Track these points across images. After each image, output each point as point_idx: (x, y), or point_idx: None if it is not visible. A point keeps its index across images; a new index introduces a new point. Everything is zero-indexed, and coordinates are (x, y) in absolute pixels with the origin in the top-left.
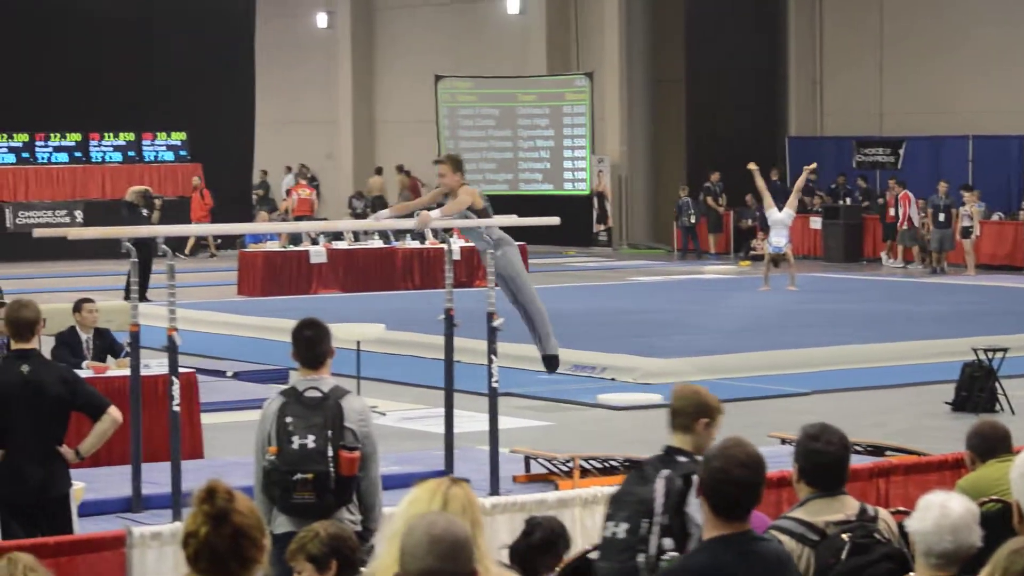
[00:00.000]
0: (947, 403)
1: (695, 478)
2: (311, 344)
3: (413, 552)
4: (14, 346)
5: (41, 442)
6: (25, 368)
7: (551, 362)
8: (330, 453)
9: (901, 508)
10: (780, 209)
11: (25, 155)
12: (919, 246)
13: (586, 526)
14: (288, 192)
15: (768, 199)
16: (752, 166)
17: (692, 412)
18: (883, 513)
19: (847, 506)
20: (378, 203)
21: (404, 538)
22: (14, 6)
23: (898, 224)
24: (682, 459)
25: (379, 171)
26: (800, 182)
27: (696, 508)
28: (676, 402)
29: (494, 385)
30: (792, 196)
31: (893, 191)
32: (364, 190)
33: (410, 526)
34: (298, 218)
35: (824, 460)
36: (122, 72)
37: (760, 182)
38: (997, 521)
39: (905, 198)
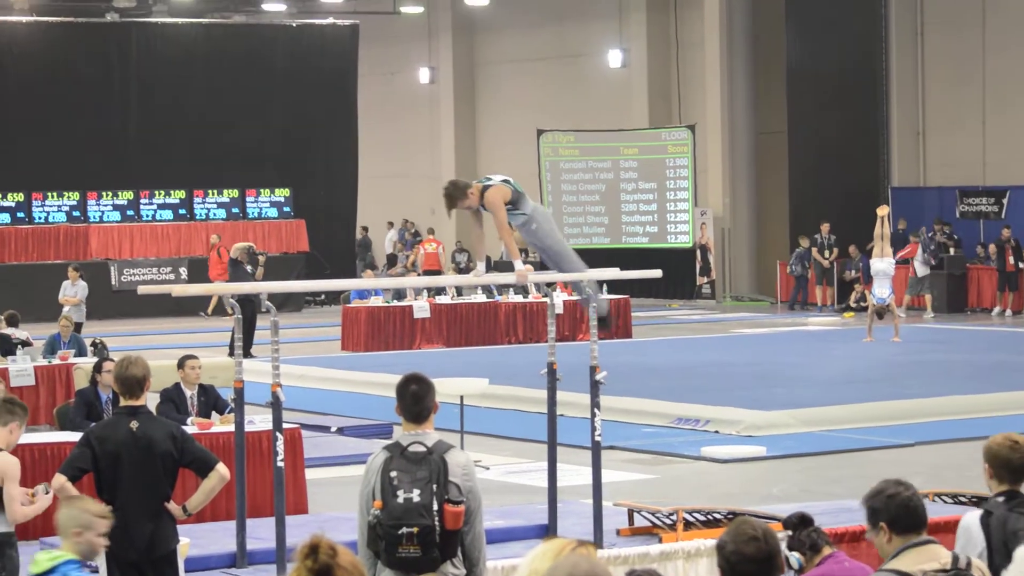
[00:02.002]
0: None
1: None
2: (416, 399)
3: None
4: (123, 403)
5: (149, 498)
6: (134, 425)
7: (605, 322)
8: (435, 507)
9: None
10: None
11: (130, 212)
12: None
13: None
14: (409, 246)
15: (882, 247)
16: (882, 211)
17: None
18: (976, 561)
19: (940, 555)
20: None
21: None
22: (121, 65)
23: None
24: None
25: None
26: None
27: None
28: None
29: (597, 438)
30: (888, 245)
31: (1009, 241)
32: (467, 244)
33: (555, 565)
34: (426, 272)
35: (905, 501)
36: (226, 129)
37: (886, 229)
38: None
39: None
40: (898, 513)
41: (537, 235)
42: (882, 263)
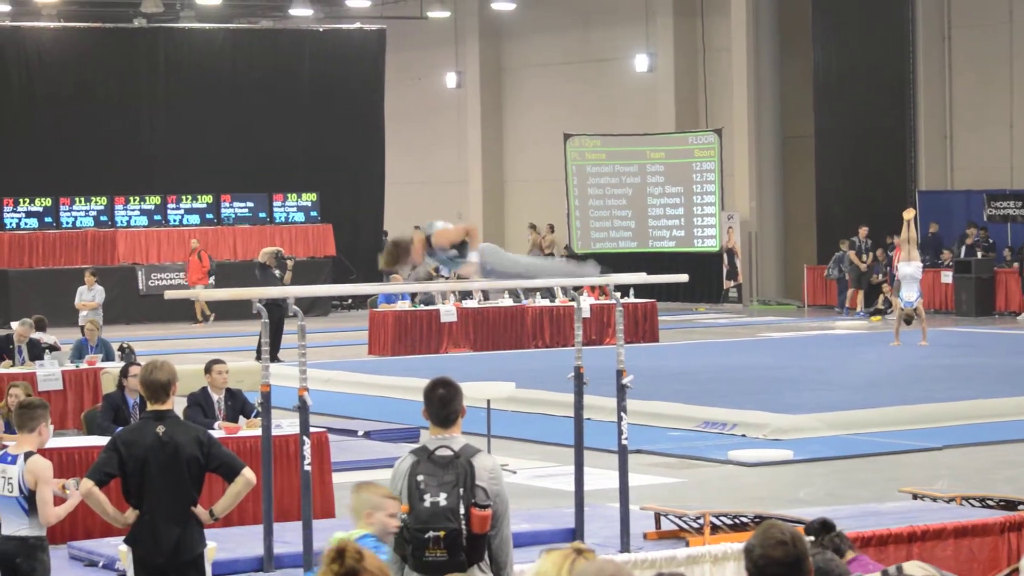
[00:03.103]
0: None
1: None
2: (444, 403)
3: None
4: (150, 407)
5: (176, 503)
6: (161, 429)
7: None
8: (462, 511)
9: None
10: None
11: (157, 217)
12: None
13: None
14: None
15: (909, 251)
16: (908, 215)
17: None
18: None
19: None
20: None
21: None
22: (148, 70)
23: None
24: None
25: (544, 227)
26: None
27: None
28: None
29: (624, 442)
30: (915, 249)
31: None
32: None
33: (580, 571)
34: (459, 276)
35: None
36: (253, 134)
37: (913, 233)
38: None
39: None
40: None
41: (500, 274)
42: (909, 267)
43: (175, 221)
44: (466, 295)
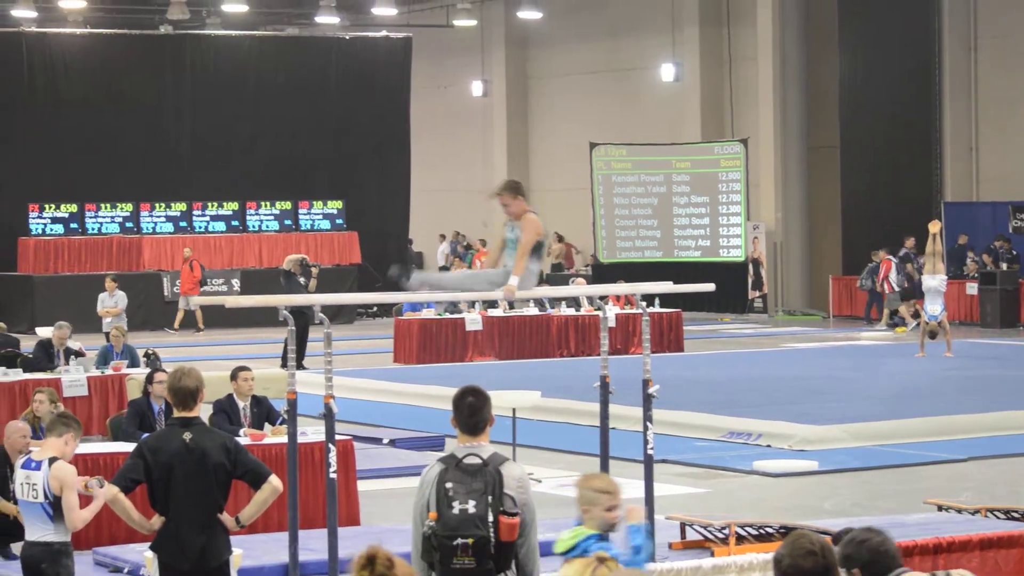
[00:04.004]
0: None
1: None
2: (473, 411)
3: None
4: (176, 414)
5: (202, 509)
6: (188, 436)
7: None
8: (490, 519)
9: None
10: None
11: (183, 224)
12: None
13: None
14: (462, 258)
15: (934, 264)
16: (934, 227)
17: None
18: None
19: None
20: None
21: None
22: (174, 77)
23: None
24: None
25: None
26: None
27: None
28: None
29: (650, 452)
30: (940, 262)
31: None
32: None
33: None
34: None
35: (876, 547)
36: (279, 142)
37: (939, 245)
38: None
39: None
40: (870, 558)
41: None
42: (934, 280)
43: (201, 228)
44: (491, 304)
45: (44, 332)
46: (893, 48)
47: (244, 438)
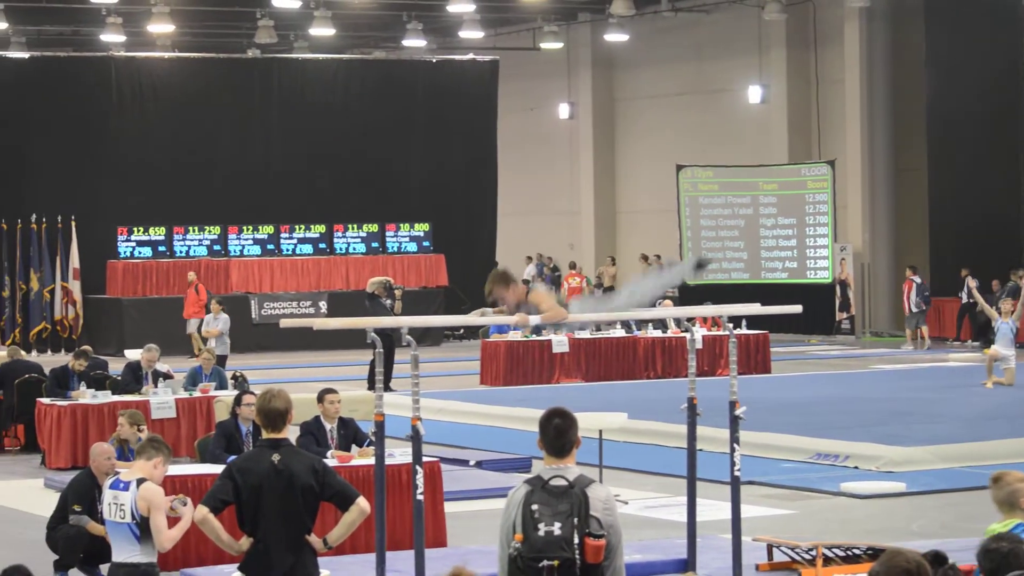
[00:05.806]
0: None
1: None
2: (560, 433)
3: None
4: (265, 435)
5: (290, 531)
6: (276, 458)
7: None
8: (576, 541)
9: None
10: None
11: (271, 247)
12: None
13: None
14: (548, 280)
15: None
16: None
17: None
18: None
19: None
20: (607, 292)
21: None
22: (262, 100)
23: None
24: None
25: (612, 260)
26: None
27: None
28: None
29: (736, 473)
30: (1020, 306)
31: None
32: (605, 279)
33: None
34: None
35: (1005, 554)
36: (366, 164)
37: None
38: None
39: None
40: (999, 565)
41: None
42: (1006, 325)
43: (288, 250)
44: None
45: (132, 354)
46: (980, 69)
47: (331, 460)
